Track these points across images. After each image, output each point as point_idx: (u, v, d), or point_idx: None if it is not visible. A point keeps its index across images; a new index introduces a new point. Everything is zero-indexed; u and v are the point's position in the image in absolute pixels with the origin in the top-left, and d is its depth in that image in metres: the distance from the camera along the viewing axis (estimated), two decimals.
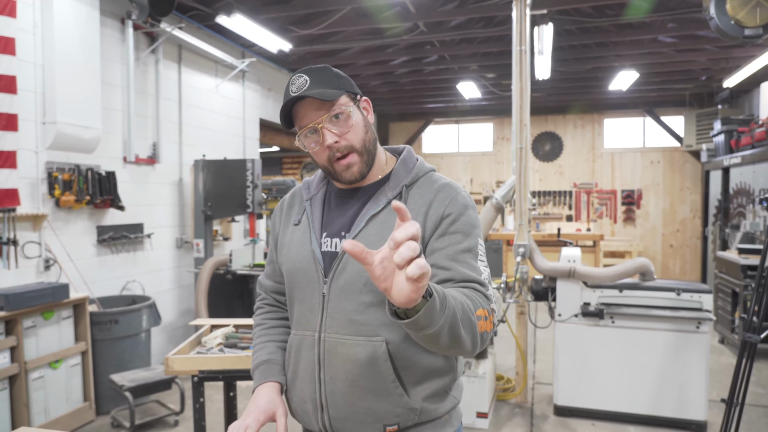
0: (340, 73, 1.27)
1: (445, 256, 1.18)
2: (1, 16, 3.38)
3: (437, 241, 1.21)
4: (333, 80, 1.23)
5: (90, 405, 3.81)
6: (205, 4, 5.11)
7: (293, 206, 1.40)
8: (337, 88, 1.22)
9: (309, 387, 1.26)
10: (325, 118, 1.20)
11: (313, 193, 1.36)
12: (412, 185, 1.27)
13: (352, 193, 1.31)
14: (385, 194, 1.26)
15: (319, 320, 1.24)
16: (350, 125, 1.22)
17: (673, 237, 9.78)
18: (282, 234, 1.38)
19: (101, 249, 4.38)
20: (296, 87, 1.21)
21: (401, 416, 1.21)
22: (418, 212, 1.23)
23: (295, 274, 1.29)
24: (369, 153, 1.25)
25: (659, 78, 7.98)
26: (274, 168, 11.63)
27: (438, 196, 1.24)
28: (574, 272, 3.72)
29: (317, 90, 1.19)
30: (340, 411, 1.23)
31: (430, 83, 8.45)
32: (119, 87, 4.55)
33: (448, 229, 1.21)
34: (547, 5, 4.90)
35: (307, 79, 1.21)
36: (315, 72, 1.23)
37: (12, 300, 3.22)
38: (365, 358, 1.20)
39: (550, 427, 3.74)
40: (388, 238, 1.17)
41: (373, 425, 1.22)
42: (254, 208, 5.12)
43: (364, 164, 1.25)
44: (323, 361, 1.23)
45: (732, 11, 3.90)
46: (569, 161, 10.24)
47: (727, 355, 5.31)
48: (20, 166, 3.56)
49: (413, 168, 1.30)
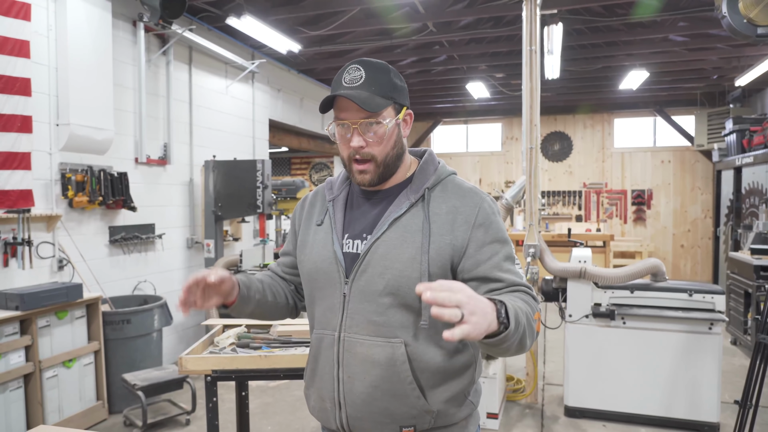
0: (397, 81, 1.25)
1: (492, 267, 1.21)
2: (16, 20, 3.43)
3: (479, 252, 1.22)
4: (387, 86, 1.22)
5: (103, 404, 3.85)
6: (216, 5, 5.15)
7: (315, 205, 1.41)
8: (386, 96, 1.22)
9: (327, 385, 1.28)
10: (361, 122, 1.21)
11: (335, 194, 1.36)
12: (434, 188, 1.28)
13: (374, 194, 1.32)
14: (407, 197, 1.27)
15: (339, 320, 1.25)
16: (381, 138, 1.23)
17: (684, 237, 9.71)
18: (304, 233, 1.39)
19: (113, 249, 4.42)
20: (348, 79, 1.20)
21: (417, 418, 1.22)
22: (443, 216, 1.24)
23: (317, 274, 1.30)
24: (387, 167, 1.26)
25: (670, 77, 7.92)
26: (284, 168, 11.68)
27: (464, 201, 1.25)
28: (584, 273, 3.71)
29: (365, 94, 1.19)
30: (358, 410, 1.24)
31: (438, 83, 8.44)
32: (131, 88, 4.59)
33: (485, 238, 1.23)
34: (557, 5, 4.88)
35: (363, 75, 1.20)
36: (374, 70, 1.22)
37: (27, 300, 3.26)
38: (384, 359, 1.21)
39: (561, 428, 3.73)
40: (410, 241, 1.21)
41: (389, 426, 1.23)
42: (264, 209, 5.14)
43: (378, 176, 1.26)
44: (342, 361, 1.25)
45: (744, 10, 3.86)
46: (579, 161, 10.19)
47: (740, 357, 5.26)
48: (34, 167, 3.60)
49: (435, 171, 1.31)
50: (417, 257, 1.20)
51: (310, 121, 7.89)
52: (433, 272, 1.20)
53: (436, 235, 1.22)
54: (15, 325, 3.26)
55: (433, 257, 1.20)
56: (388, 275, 1.21)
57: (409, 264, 1.20)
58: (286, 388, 4.50)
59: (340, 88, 1.21)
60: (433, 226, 1.22)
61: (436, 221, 1.23)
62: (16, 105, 3.44)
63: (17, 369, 3.24)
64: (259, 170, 5.12)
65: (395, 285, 1.20)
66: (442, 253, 1.21)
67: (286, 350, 2.37)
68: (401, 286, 1.20)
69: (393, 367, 1.21)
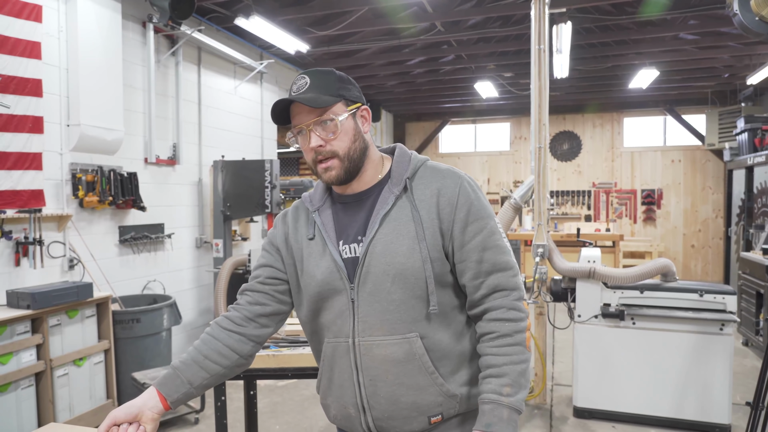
0: (345, 79, 1.30)
1: (477, 247, 1.25)
2: (28, 21, 3.46)
3: (464, 233, 1.25)
4: (333, 86, 1.26)
5: (113, 402, 3.88)
6: (224, 6, 5.17)
7: (299, 219, 1.39)
8: (334, 95, 1.25)
9: (348, 392, 1.28)
10: (313, 122, 1.24)
11: (317, 205, 1.36)
12: (413, 176, 1.31)
13: (356, 198, 1.33)
14: (390, 191, 1.29)
15: (351, 326, 1.26)
16: (336, 132, 1.25)
17: (694, 237, 9.62)
18: (296, 248, 1.35)
19: (123, 249, 4.45)
20: (296, 87, 1.26)
21: (443, 405, 1.26)
22: (428, 201, 1.26)
23: (320, 286, 1.29)
24: (352, 161, 1.27)
25: (680, 76, 7.85)
26: (292, 168, 11.71)
27: (445, 183, 1.28)
28: (594, 273, 3.68)
29: (310, 95, 1.23)
30: (384, 411, 1.25)
31: (446, 83, 8.42)
32: (140, 89, 4.62)
33: (467, 218, 1.26)
34: (566, 3, 4.86)
35: (308, 81, 1.25)
36: (318, 75, 1.26)
37: (38, 299, 3.29)
38: (403, 355, 1.23)
39: (570, 428, 3.71)
40: (404, 232, 1.24)
41: (418, 419, 1.25)
42: (273, 209, 5.16)
43: (344, 170, 1.27)
44: (360, 365, 1.26)
45: (756, 7, 3.82)
46: (588, 161, 10.13)
47: (752, 358, 5.21)
48: (45, 167, 3.64)
49: (410, 161, 1.33)
50: (415, 246, 1.23)
51: None
52: (434, 257, 1.23)
53: (427, 221, 1.25)
54: (26, 323, 3.30)
55: (430, 242, 1.23)
56: (392, 271, 1.22)
57: (410, 254, 1.22)
58: (294, 388, 4.52)
59: (291, 94, 1.26)
60: (422, 213, 1.25)
61: (423, 207, 1.26)
62: (28, 106, 3.47)
63: (29, 367, 3.28)
64: (268, 170, 5.14)
65: (402, 278, 1.22)
66: (436, 236, 1.25)
67: (294, 349, 2.38)
68: (408, 278, 1.22)
69: (413, 361, 1.23)
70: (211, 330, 1.37)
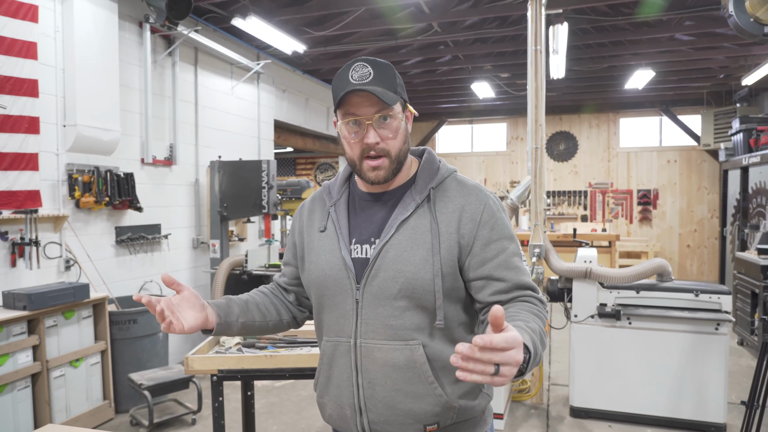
0: (399, 76, 1.26)
1: (498, 265, 1.22)
2: (24, 21, 3.45)
3: (485, 250, 1.22)
4: (394, 82, 1.22)
5: (109, 403, 3.87)
6: (221, 6, 5.16)
7: (314, 211, 1.38)
8: (395, 91, 1.21)
9: (346, 392, 1.27)
10: (376, 117, 1.19)
11: (335, 198, 1.34)
12: (438, 187, 1.28)
13: (377, 197, 1.30)
14: (412, 197, 1.26)
15: (353, 326, 1.25)
16: (396, 132, 1.22)
17: (690, 237, 9.66)
18: (307, 241, 1.36)
19: (120, 249, 4.44)
20: (358, 77, 1.18)
21: (440, 415, 1.23)
22: (449, 215, 1.23)
23: (326, 282, 1.28)
24: (399, 163, 1.25)
25: (676, 76, 7.89)
26: (288, 169, 11.71)
27: (469, 199, 1.25)
28: (590, 273, 3.70)
29: (381, 88, 1.17)
30: (380, 414, 1.24)
31: (443, 83, 8.43)
32: (137, 89, 4.61)
33: (491, 236, 1.23)
34: (562, 4, 4.87)
35: (371, 72, 1.18)
36: (380, 67, 1.20)
37: (34, 300, 3.28)
38: (403, 362, 1.21)
39: (566, 428, 3.72)
40: (420, 242, 1.21)
41: (413, 426, 1.24)
42: (269, 209, 5.15)
43: (391, 171, 1.24)
44: (360, 367, 1.24)
45: (751, 9, 3.84)
46: (584, 161, 10.16)
47: (747, 357, 5.23)
48: (42, 168, 3.63)
49: (438, 170, 1.30)
50: (428, 258, 1.20)
51: (315, 122, 7.91)
52: (446, 272, 1.20)
53: (445, 234, 1.21)
54: (23, 324, 3.29)
55: (444, 257, 1.20)
56: (401, 279, 1.20)
57: (422, 266, 1.20)
58: (291, 388, 4.51)
59: (350, 85, 1.18)
60: (441, 226, 1.22)
61: (443, 221, 1.23)
62: (24, 106, 3.46)
63: (25, 368, 3.27)
64: (265, 170, 5.14)
65: (410, 288, 1.20)
66: (452, 252, 1.21)
67: (292, 350, 2.38)
68: (416, 289, 1.20)
69: (413, 369, 1.21)
70: (264, 288, 1.50)
